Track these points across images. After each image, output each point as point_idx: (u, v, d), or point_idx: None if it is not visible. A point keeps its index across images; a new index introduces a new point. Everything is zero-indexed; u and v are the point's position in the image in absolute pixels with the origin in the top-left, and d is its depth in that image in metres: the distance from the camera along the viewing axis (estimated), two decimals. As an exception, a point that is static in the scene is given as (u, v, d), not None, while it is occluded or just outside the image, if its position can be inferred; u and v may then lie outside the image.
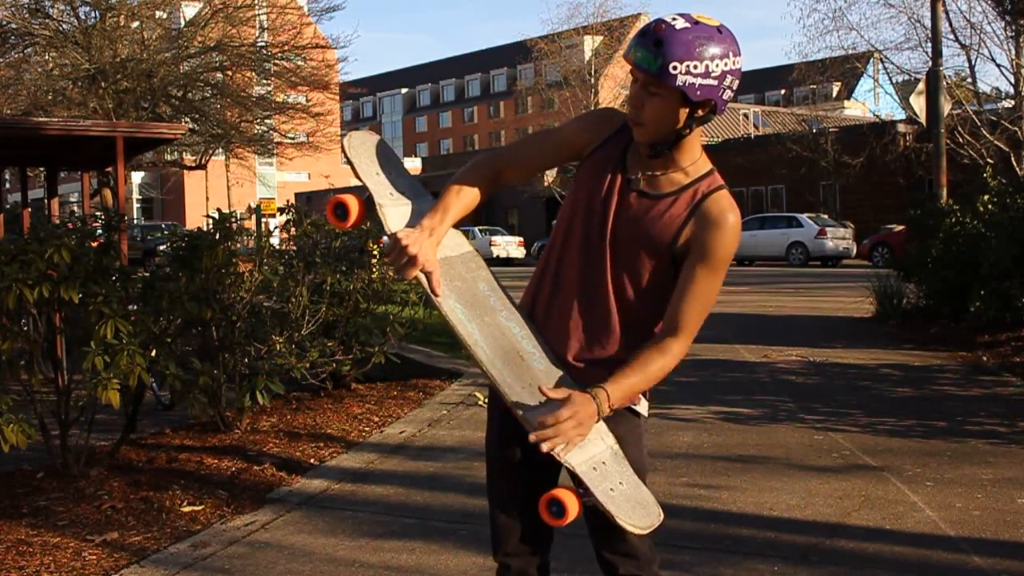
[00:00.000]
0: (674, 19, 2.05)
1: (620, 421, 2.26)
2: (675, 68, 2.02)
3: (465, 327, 2.18)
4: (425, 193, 2.30)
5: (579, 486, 2.11)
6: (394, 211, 2.21)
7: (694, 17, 2.07)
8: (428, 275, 2.17)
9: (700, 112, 2.11)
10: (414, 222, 2.20)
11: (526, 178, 2.45)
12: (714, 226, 2.15)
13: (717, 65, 2.04)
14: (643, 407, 2.32)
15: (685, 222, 2.17)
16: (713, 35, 2.04)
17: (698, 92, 2.05)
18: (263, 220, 23.38)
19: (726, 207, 2.17)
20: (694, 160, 2.21)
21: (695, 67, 2.03)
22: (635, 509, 2.13)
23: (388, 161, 2.28)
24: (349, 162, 2.22)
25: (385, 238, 2.17)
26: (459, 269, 2.25)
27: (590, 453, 2.15)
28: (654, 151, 2.16)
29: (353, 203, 2.19)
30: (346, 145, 2.24)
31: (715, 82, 2.06)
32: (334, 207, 2.20)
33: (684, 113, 2.09)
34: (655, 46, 2.02)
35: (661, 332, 2.20)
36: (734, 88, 2.11)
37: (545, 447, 2.05)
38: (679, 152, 2.18)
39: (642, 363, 2.15)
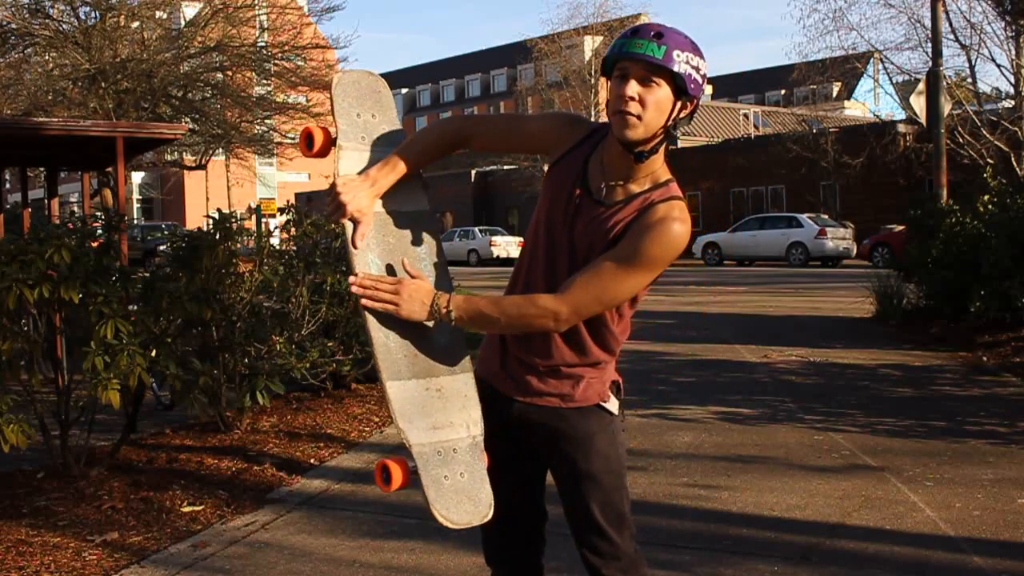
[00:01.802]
0: (658, 24, 2.13)
1: (589, 416, 2.26)
2: (677, 56, 2.07)
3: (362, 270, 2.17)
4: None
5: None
6: (353, 155, 2.19)
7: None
8: (355, 224, 2.16)
9: (685, 110, 2.12)
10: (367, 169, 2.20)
11: (488, 151, 2.48)
12: (649, 225, 2.11)
13: (701, 65, 2.11)
14: (612, 405, 2.29)
15: (628, 226, 2.14)
16: (692, 42, 2.11)
17: (691, 85, 2.09)
18: (263, 220, 23.41)
19: (673, 216, 2.12)
20: (653, 171, 2.19)
21: (691, 59, 2.09)
22: (460, 503, 2.11)
23: (378, 105, 2.25)
24: (331, 99, 2.22)
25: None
26: (402, 224, 2.23)
27: (442, 437, 2.14)
28: (639, 156, 2.14)
29: (319, 134, 2.19)
30: (334, 83, 2.23)
31: (700, 80, 2.11)
32: (305, 136, 2.21)
33: (676, 108, 2.11)
34: (656, 37, 2.07)
35: None
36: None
37: (355, 290, 2.11)
38: (645, 162, 2.17)
39: (502, 298, 2.19)
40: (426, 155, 2.28)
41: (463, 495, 2.12)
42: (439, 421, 2.17)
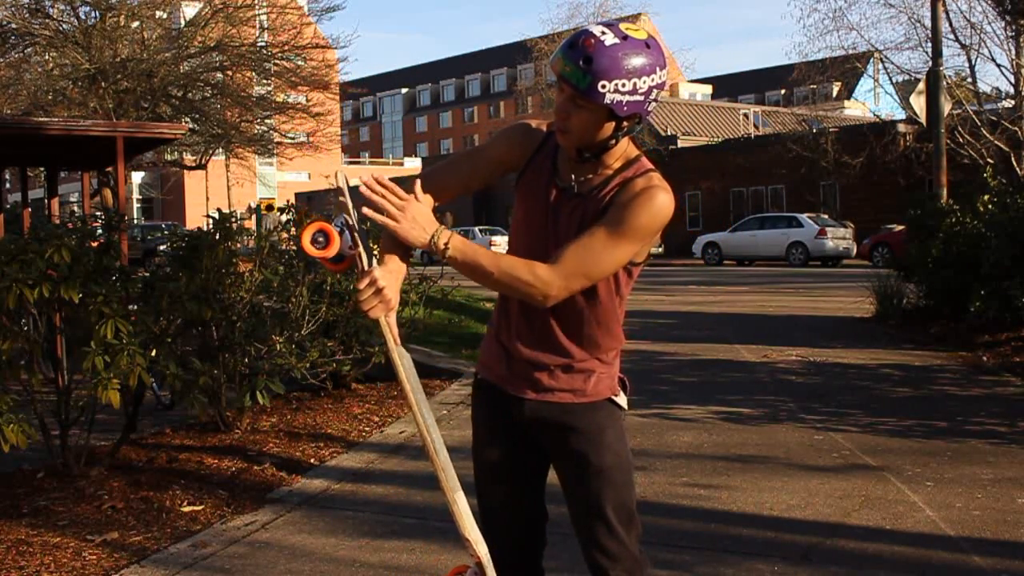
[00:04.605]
0: (603, 33, 2.04)
1: (600, 410, 2.26)
2: (603, 87, 2.02)
3: (411, 385, 2.20)
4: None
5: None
6: (364, 252, 2.22)
7: (623, 30, 2.05)
8: (388, 320, 2.17)
9: (626, 124, 2.11)
10: (372, 263, 2.20)
11: (462, 194, 2.45)
12: (634, 195, 2.13)
13: (644, 82, 2.05)
14: (622, 400, 2.31)
15: (612, 201, 2.15)
16: (641, 50, 2.04)
17: (625, 108, 2.05)
18: (263, 218, 23.39)
19: (654, 184, 2.14)
20: (621, 153, 2.20)
21: (623, 85, 2.03)
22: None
23: (353, 205, 2.29)
24: (341, 195, 2.22)
25: (365, 279, 2.13)
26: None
27: (485, 551, 2.24)
28: (581, 157, 2.17)
29: (334, 231, 2.19)
30: (340, 181, 2.25)
31: (642, 98, 2.06)
32: (315, 233, 2.18)
33: (610, 126, 2.10)
34: (584, 63, 2.01)
35: None
36: (658, 99, 2.12)
37: (364, 190, 2.09)
38: (607, 154, 2.18)
39: (502, 255, 2.15)
40: None
41: None
42: (478, 535, 2.22)
